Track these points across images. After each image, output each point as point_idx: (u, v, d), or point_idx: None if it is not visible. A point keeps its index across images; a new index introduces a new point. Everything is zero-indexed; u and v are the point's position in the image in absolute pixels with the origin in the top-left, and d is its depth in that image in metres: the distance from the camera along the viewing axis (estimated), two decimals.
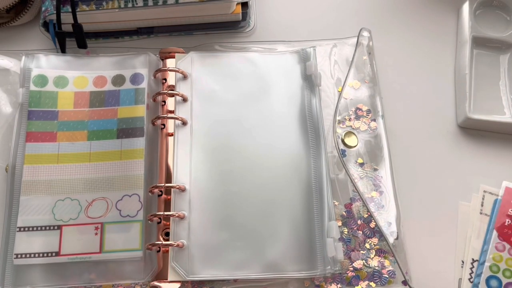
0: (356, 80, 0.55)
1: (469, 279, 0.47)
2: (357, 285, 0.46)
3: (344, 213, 0.49)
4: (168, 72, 0.53)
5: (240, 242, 0.46)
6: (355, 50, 0.56)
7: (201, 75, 0.53)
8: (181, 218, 0.47)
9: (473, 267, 0.47)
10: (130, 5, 0.52)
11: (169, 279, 0.45)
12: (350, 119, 0.53)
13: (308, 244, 0.46)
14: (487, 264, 0.47)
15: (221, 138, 0.50)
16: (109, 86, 0.52)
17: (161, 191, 0.48)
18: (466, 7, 0.58)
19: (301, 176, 0.49)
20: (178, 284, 0.45)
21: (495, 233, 0.48)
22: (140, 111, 0.50)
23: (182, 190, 0.48)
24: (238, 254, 0.45)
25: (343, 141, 0.52)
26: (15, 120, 0.50)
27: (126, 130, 0.49)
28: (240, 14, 0.55)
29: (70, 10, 0.51)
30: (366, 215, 0.49)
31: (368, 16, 0.59)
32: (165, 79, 0.53)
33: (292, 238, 0.46)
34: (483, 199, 0.50)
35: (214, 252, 0.45)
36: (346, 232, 0.48)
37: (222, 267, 0.45)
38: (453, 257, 0.48)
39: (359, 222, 0.48)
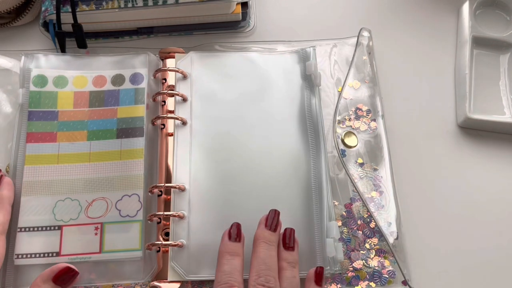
0: (356, 80, 0.55)
1: None
2: (357, 285, 0.46)
3: (344, 213, 0.49)
4: (168, 72, 0.53)
5: None
6: (355, 50, 0.56)
7: (201, 75, 0.53)
8: (181, 218, 0.47)
9: None
10: (130, 5, 0.52)
11: (168, 279, 0.45)
12: (350, 119, 0.53)
13: (307, 245, 0.46)
14: None
15: (221, 138, 0.50)
16: (108, 86, 0.52)
17: (160, 191, 0.48)
18: (466, 7, 0.58)
19: (300, 176, 0.49)
20: (178, 284, 0.45)
21: None
22: (140, 111, 0.50)
23: (182, 190, 0.48)
24: None
25: (343, 141, 0.52)
26: (15, 121, 0.50)
27: (126, 130, 0.49)
28: (240, 14, 0.55)
29: (70, 10, 0.51)
30: (366, 215, 0.49)
31: (368, 16, 0.59)
32: (165, 79, 0.53)
33: None
34: None
35: (214, 251, 0.45)
36: (346, 232, 0.48)
37: None
38: (454, 257, 0.48)
39: (359, 222, 0.48)
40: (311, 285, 0.43)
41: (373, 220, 0.48)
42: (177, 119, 0.50)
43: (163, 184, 0.48)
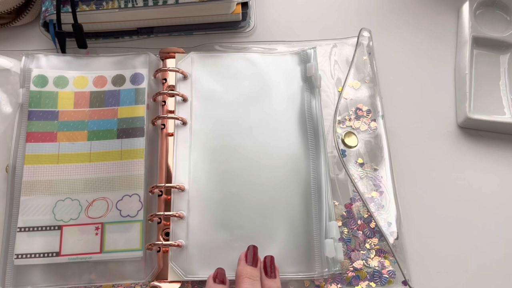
0: (356, 80, 0.55)
1: None
2: (357, 285, 0.46)
3: (344, 213, 0.49)
4: (168, 72, 0.53)
5: (238, 243, 0.46)
6: (355, 50, 0.56)
7: (201, 75, 0.53)
8: (181, 218, 0.47)
9: None
10: (130, 5, 0.52)
11: (169, 279, 0.45)
12: (350, 119, 0.53)
13: (306, 246, 0.46)
14: None
15: (221, 138, 0.50)
16: (109, 86, 0.52)
17: (161, 191, 0.48)
18: (466, 7, 0.58)
19: (300, 178, 0.49)
20: (178, 284, 0.45)
21: None
22: (140, 111, 0.50)
23: (181, 190, 0.48)
24: (236, 254, 0.45)
25: (343, 141, 0.52)
26: (15, 121, 0.50)
27: (127, 130, 0.49)
28: (240, 14, 0.55)
29: (70, 10, 0.51)
30: (366, 215, 0.49)
31: (368, 16, 0.59)
32: (165, 79, 0.53)
33: (290, 240, 0.46)
34: None
35: (213, 252, 0.46)
36: (346, 232, 0.48)
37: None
38: (453, 257, 0.48)
39: (359, 222, 0.48)
40: None
41: (373, 220, 0.48)
42: (177, 119, 0.50)
43: (163, 184, 0.48)
